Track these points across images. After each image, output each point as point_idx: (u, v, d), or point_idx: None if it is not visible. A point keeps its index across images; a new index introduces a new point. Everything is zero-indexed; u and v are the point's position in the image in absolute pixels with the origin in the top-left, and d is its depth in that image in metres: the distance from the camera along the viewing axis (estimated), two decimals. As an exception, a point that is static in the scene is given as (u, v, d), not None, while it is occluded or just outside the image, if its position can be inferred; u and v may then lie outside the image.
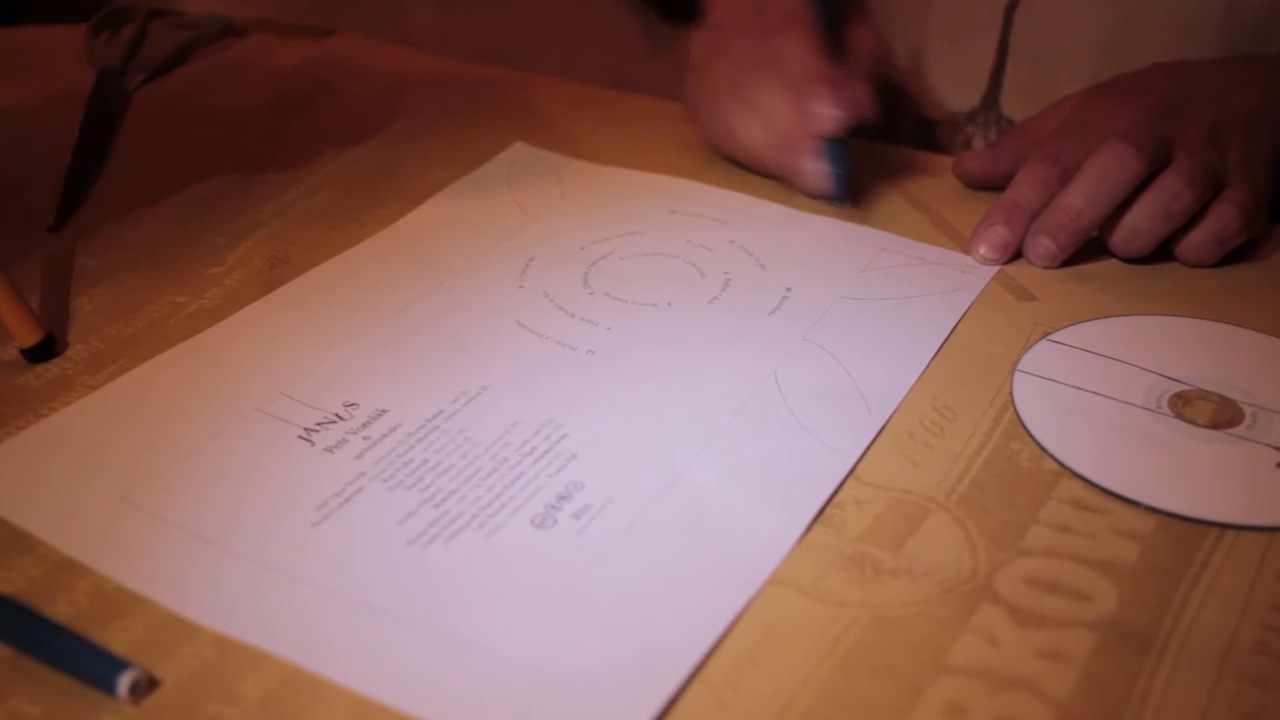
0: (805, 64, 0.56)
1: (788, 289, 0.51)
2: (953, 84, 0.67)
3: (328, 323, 0.49)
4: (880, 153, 0.62)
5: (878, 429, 0.43)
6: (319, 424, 0.43)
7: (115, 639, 0.35)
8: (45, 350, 0.47)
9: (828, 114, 0.54)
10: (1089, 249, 0.53)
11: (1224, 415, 0.43)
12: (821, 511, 0.39)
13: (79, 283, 0.53)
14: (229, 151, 0.64)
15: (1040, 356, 0.46)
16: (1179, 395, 0.44)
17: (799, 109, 0.55)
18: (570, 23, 1.26)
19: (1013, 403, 0.44)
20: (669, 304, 0.50)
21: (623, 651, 0.34)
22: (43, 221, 0.57)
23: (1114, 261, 0.53)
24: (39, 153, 0.62)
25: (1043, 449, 0.42)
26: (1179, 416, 0.43)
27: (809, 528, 0.38)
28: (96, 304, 0.51)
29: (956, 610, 0.35)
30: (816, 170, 0.56)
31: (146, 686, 0.33)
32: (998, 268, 0.52)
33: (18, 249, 0.54)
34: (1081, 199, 0.51)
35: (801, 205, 0.58)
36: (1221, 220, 0.51)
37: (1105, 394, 0.44)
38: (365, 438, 0.42)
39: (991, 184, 0.57)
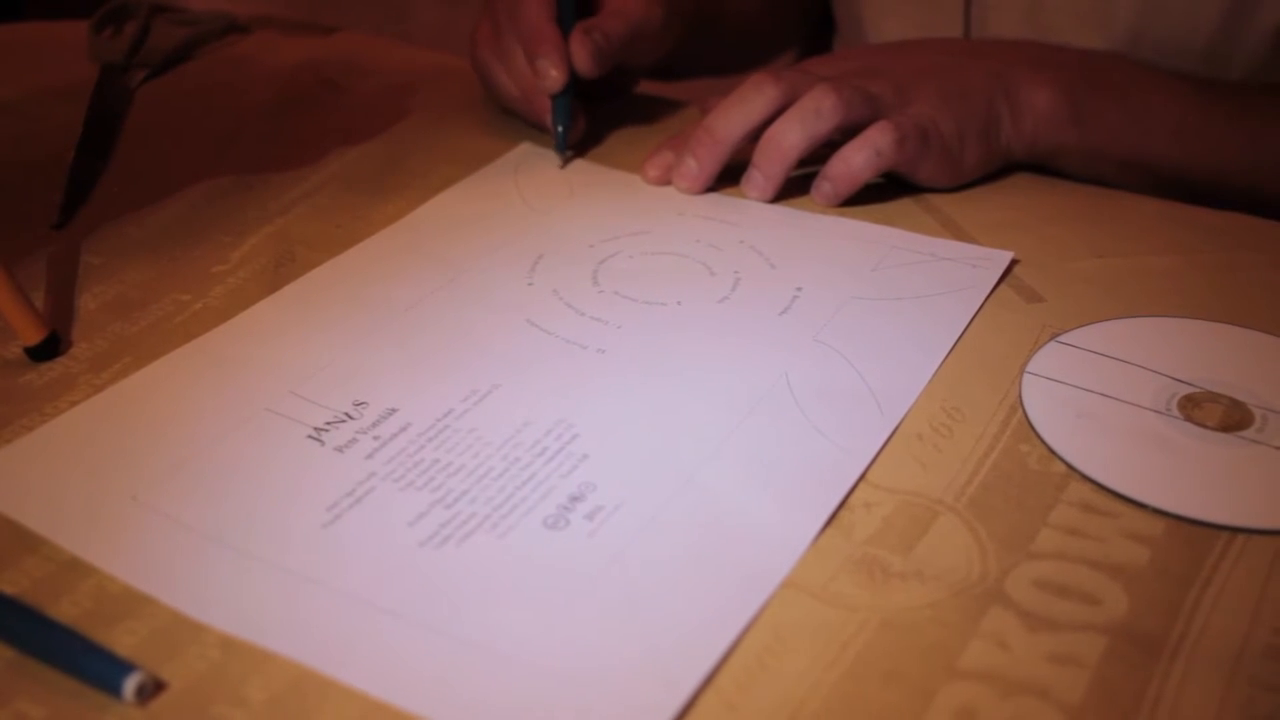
0: (531, 23, 0.60)
1: (798, 288, 0.51)
2: None
3: (336, 321, 0.49)
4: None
5: (890, 430, 0.42)
6: (329, 423, 0.43)
7: (120, 641, 0.34)
8: (49, 349, 0.47)
9: (545, 74, 0.60)
10: (1096, 250, 0.53)
11: (1234, 418, 0.43)
12: (832, 514, 0.39)
13: (82, 281, 0.52)
14: (233, 149, 0.64)
15: (1049, 358, 0.46)
16: (1188, 397, 0.44)
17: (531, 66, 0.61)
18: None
19: (1021, 405, 0.44)
20: (679, 303, 0.50)
21: (636, 654, 0.34)
22: (46, 219, 0.57)
23: (1122, 263, 0.52)
24: (42, 150, 0.62)
25: (1052, 451, 0.41)
26: (1188, 419, 0.43)
27: (820, 530, 0.38)
28: (100, 302, 0.51)
29: (966, 614, 0.35)
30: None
31: (152, 689, 0.33)
32: (1007, 261, 0.52)
33: (21, 247, 0.54)
34: (713, 117, 0.58)
35: (810, 206, 0.57)
36: (871, 134, 0.55)
37: (1114, 396, 0.44)
38: (375, 437, 0.42)
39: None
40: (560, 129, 0.61)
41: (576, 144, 0.63)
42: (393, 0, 1.39)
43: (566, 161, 0.62)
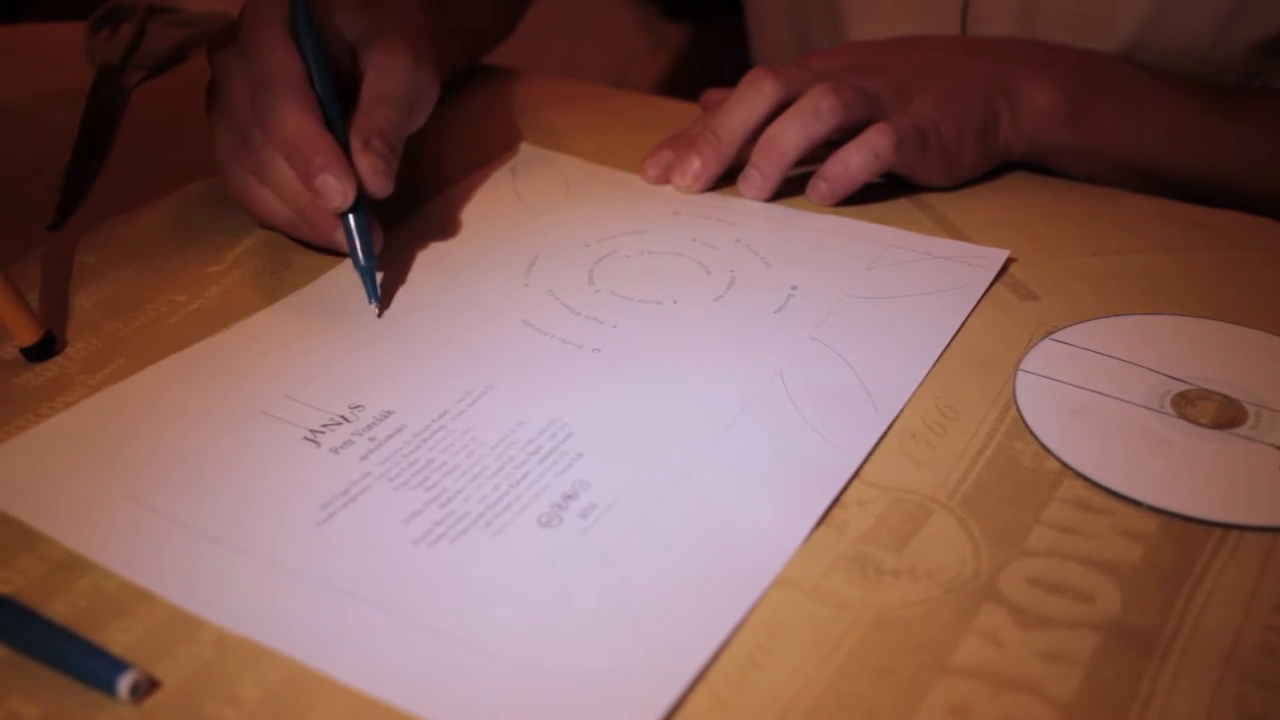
0: (296, 131, 0.48)
1: (793, 287, 0.51)
2: None
3: (332, 324, 0.49)
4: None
5: (884, 428, 0.42)
6: (324, 425, 0.43)
7: (114, 639, 0.35)
8: (45, 349, 0.47)
9: (329, 193, 0.48)
10: (1090, 248, 0.53)
11: (1227, 415, 0.43)
12: (826, 512, 0.39)
13: (78, 281, 0.52)
14: (229, 149, 0.64)
15: (1043, 356, 0.46)
16: (1182, 395, 0.44)
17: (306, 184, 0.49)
18: (571, 21, 1.25)
19: (1015, 402, 0.44)
20: (674, 302, 0.50)
21: (629, 652, 0.34)
22: (42, 220, 0.57)
23: (1116, 261, 0.52)
24: (38, 151, 0.62)
25: (1045, 449, 0.42)
26: (1182, 416, 0.43)
27: (814, 528, 0.38)
28: (95, 302, 0.51)
29: (959, 611, 0.35)
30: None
31: (146, 687, 0.33)
32: (1003, 260, 0.52)
33: (17, 247, 0.54)
34: (716, 118, 0.57)
35: (806, 204, 0.57)
36: (870, 136, 0.55)
37: (1108, 393, 0.44)
38: (371, 438, 0.42)
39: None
40: (357, 249, 0.50)
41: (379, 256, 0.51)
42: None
43: (383, 308, 0.50)
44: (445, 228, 0.56)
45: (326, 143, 0.48)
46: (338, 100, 0.50)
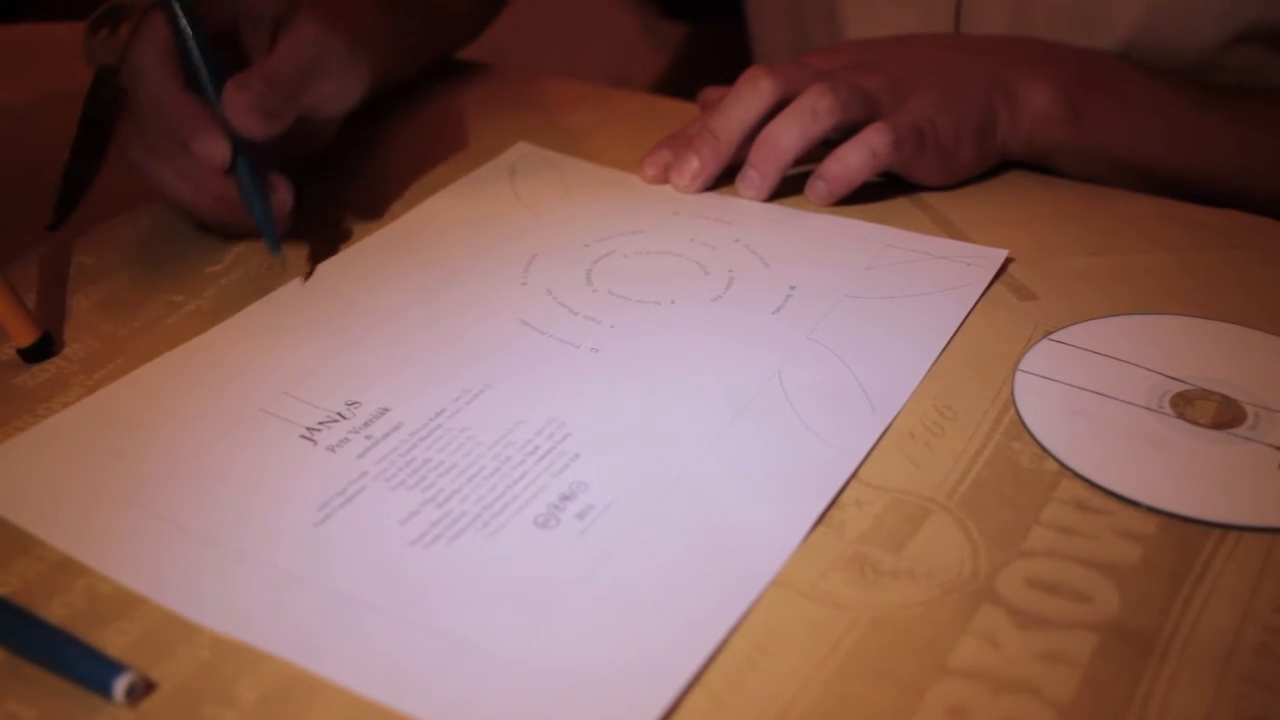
0: (165, 100, 0.49)
1: (792, 287, 0.51)
2: None
3: (329, 322, 0.49)
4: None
5: (882, 429, 0.42)
6: (321, 423, 0.43)
7: (111, 641, 0.34)
8: (42, 350, 0.47)
9: (204, 151, 0.48)
10: (1090, 247, 0.53)
11: (1226, 415, 0.43)
12: (824, 513, 0.39)
13: (75, 281, 0.52)
14: (227, 149, 0.64)
15: (1042, 356, 0.46)
16: (1181, 395, 0.44)
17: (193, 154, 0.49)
18: (571, 20, 1.26)
19: (1014, 403, 0.44)
20: (673, 302, 0.50)
21: (625, 653, 0.34)
22: (40, 220, 0.57)
23: (1115, 260, 0.52)
24: (36, 151, 0.62)
25: (1044, 449, 0.41)
26: (1181, 416, 0.43)
27: (811, 529, 0.38)
28: (93, 302, 0.51)
29: (957, 612, 0.35)
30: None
31: (143, 689, 0.33)
32: (1002, 259, 0.52)
33: (15, 248, 0.54)
34: (714, 117, 0.57)
35: (804, 204, 0.57)
36: (868, 135, 0.55)
37: (1107, 394, 0.44)
38: (367, 437, 0.42)
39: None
40: (257, 209, 0.50)
41: (288, 225, 0.52)
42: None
43: (282, 262, 0.51)
44: (443, 226, 0.56)
45: (190, 103, 0.49)
46: (219, 68, 0.50)
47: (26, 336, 0.47)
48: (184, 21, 0.50)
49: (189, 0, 0.50)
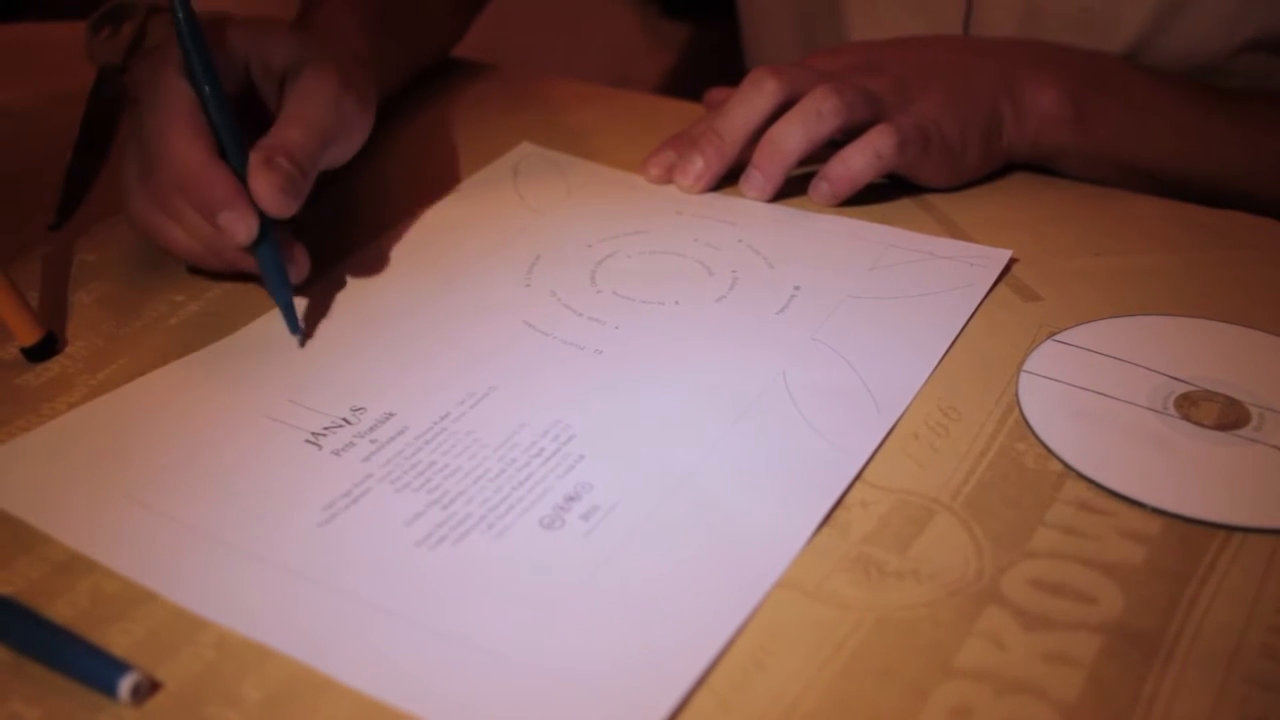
0: (190, 167, 0.46)
1: (796, 287, 0.51)
2: None
3: (334, 328, 0.49)
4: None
5: (887, 429, 0.42)
6: (326, 428, 0.43)
7: (115, 641, 0.34)
8: (46, 349, 0.47)
9: (231, 230, 0.46)
10: (1094, 248, 0.53)
11: (1230, 416, 0.43)
12: (829, 513, 0.39)
13: (78, 280, 0.52)
14: (230, 149, 0.64)
15: (1046, 357, 0.46)
16: (1185, 396, 0.44)
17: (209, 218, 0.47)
18: (572, 21, 1.25)
19: (1018, 403, 0.44)
20: (677, 302, 0.50)
21: (631, 653, 0.34)
22: (43, 219, 0.57)
23: (1120, 261, 0.52)
24: (38, 151, 0.62)
25: (1048, 450, 0.41)
26: (1185, 418, 0.43)
27: (816, 530, 0.38)
28: (95, 301, 0.51)
29: (962, 613, 0.35)
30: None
31: (148, 689, 0.33)
32: (1005, 260, 0.52)
33: (17, 247, 0.54)
34: (719, 118, 0.57)
35: (808, 205, 0.57)
36: (872, 137, 0.55)
37: (1111, 395, 0.44)
38: (373, 441, 0.42)
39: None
40: (282, 293, 0.48)
41: (302, 282, 0.50)
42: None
43: (305, 338, 0.48)
44: (446, 228, 0.56)
45: (222, 175, 0.46)
46: (239, 131, 0.47)
47: (30, 335, 0.47)
48: (208, 90, 0.47)
49: (208, 60, 0.47)
